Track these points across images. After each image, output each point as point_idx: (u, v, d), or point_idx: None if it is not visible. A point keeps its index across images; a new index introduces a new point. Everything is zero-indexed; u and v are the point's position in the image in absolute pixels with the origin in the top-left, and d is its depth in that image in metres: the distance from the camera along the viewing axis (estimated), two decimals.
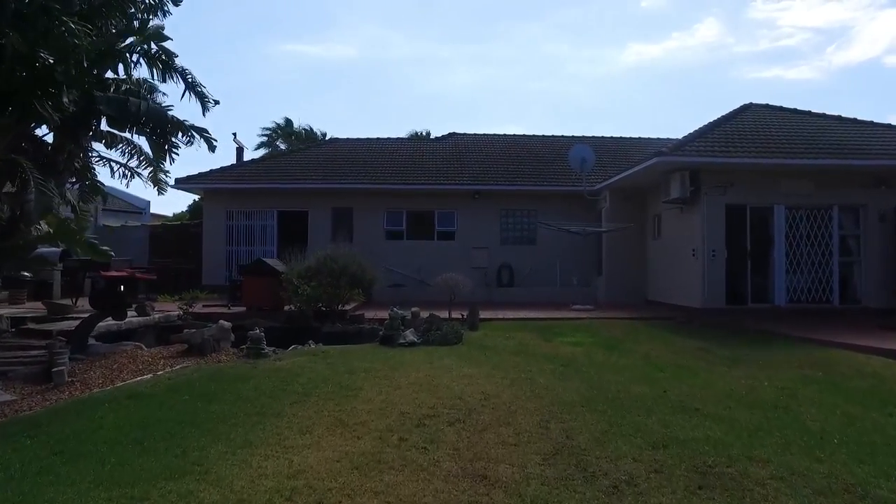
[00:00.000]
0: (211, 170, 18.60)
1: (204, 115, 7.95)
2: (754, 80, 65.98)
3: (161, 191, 10.52)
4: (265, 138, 34.11)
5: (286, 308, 12.14)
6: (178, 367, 6.80)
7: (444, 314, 11.86)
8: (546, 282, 17.59)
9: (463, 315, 11.85)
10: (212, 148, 7.82)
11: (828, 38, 64.09)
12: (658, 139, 21.23)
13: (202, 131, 7.66)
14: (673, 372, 7.30)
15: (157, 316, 10.80)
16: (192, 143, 7.90)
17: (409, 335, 9.20)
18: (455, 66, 67.60)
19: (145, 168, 10.11)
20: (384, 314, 12.70)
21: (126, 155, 9.76)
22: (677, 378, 6.92)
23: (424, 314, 11.69)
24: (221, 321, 8.17)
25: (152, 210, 32.49)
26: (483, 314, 12.76)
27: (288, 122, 34.65)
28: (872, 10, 64.05)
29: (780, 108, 16.46)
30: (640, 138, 22.65)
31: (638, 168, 13.53)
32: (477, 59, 67.57)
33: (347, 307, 12.77)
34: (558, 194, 17.77)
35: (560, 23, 68.43)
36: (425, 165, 19.10)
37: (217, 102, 8.04)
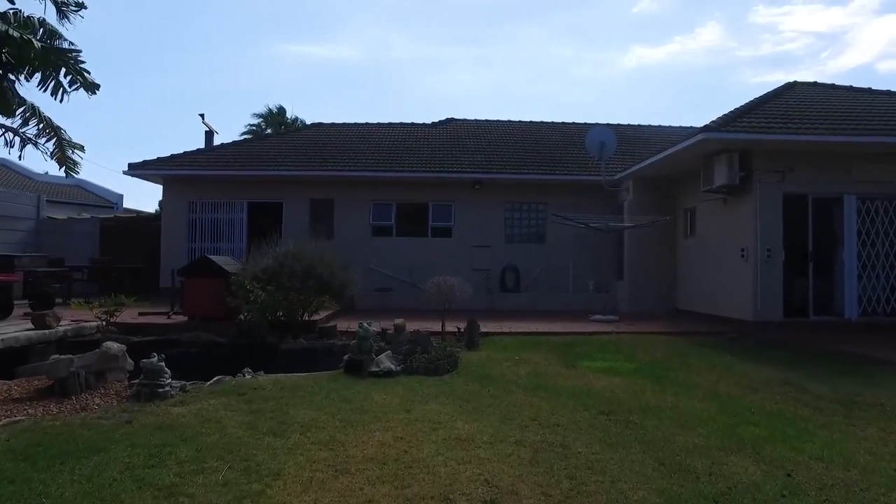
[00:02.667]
0: (172, 154, 16.18)
1: (61, 22, 5.57)
2: (757, 85, 64.40)
3: (70, 171, 8.09)
4: (254, 127, 31.54)
5: (242, 317, 9.67)
6: (3, 422, 4.36)
7: (436, 326, 9.47)
8: (557, 287, 15.15)
9: (459, 329, 9.43)
10: (90, 87, 5.41)
11: (829, 43, 62.65)
12: (681, 127, 18.87)
13: (65, 55, 5.20)
14: (771, 426, 4.85)
15: (64, 328, 8.36)
16: (76, 87, 5.48)
17: (385, 361, 6.74)
18: (457, 68, 65.80)
19: (47, 138, 7.68)
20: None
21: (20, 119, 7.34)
22: (784, 439, 4.48)
23: (412, 327, 9.29)
24: (107, 343, 5.70)
25: (127, 204, 30.15)
26: (485, 326, 10.33)
27: (281, 109, 31.98)
28: (872, 17, 62.52)
29: (832, 86, 14.06)
30: (660, 126, 20.31)
31: (676, 149, 11.09)
32: (479, 61, 65.87)
33: (317, 317, 10.33)
34: (572, 185, 15.33)
35: (562, 25, 66.56)
36: (419, 152, 16.66)
37: (82, 6, 5.64)
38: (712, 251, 12.06)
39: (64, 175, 8.32)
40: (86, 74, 5.41)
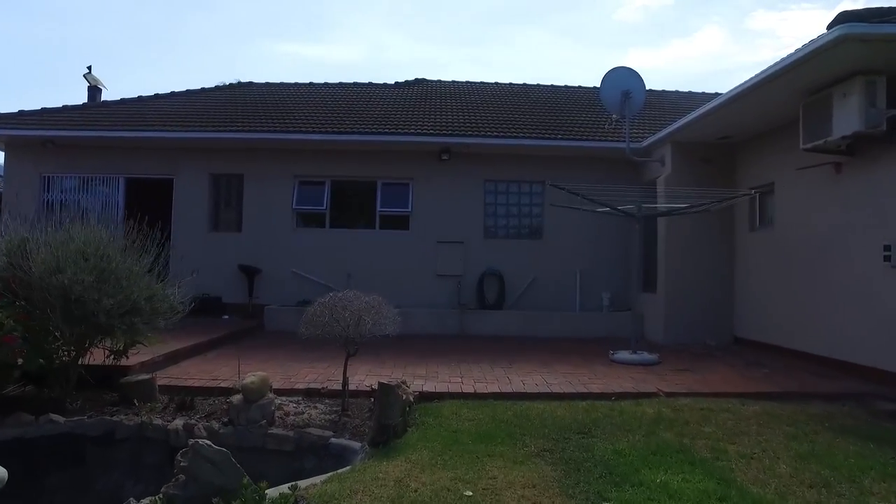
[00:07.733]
0: (20, 110, 11.59)
1: None
2: None
3: None
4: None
5: None
6: None
7: (358, 374, 4.94)
8: (558, 302, 10.60)
9: (373, 389, 4.91)
10: None
11: None
12: (716, 93, 14.33)
13: None
14: None
15: None
16: None
17: None
18: (455, 70, 63.32)
19: None
20: (255, 369, 5.68)
21: None
22: None
23: (310, 378, 4.81)
24: None
25: None
26: (436, 375, 5.71)
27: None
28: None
29: None
30: (690, 92, 15.76)
31: (771, 71, 6.47)
32: (477, 63, 63.15)
33: (130, 360, 5.70)
34: (580, 154, 10.75)
35: (561, 28, 63.43)
36: (369, 112, 12.06)
37: None
38: (811, 251, 7.51)
39: None
40: None
